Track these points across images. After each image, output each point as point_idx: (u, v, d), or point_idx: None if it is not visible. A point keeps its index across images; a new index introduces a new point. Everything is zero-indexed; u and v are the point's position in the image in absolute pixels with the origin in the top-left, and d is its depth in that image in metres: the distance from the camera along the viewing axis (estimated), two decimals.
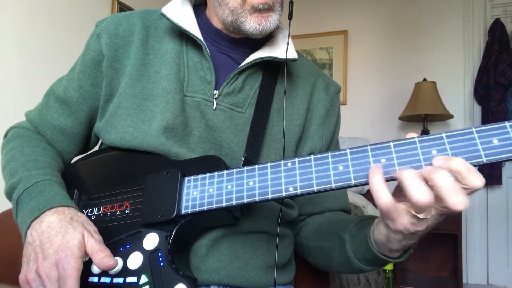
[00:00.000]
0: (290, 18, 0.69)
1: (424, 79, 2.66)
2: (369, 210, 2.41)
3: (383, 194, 0.42)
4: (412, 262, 2.71)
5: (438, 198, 0.40)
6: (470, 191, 0.40)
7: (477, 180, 0.39)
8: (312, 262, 0.73)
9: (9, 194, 0.60)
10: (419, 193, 0.39)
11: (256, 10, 0.61)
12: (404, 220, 0.43)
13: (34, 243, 0.51)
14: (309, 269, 0.79)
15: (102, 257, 0.48)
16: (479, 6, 2.82)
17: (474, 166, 0.41)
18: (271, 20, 0.62)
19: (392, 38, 3.03)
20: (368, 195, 2.76)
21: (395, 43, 3.02)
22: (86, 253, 0.49)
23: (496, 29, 2.67)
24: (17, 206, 0.56)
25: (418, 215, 0.42)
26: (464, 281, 2.60)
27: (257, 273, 0.63)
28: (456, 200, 0.39)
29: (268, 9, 0.62)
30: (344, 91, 3.09)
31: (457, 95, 2.82)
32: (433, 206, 0.41)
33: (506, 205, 2.69)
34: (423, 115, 2.55)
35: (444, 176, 0.39)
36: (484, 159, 0.41)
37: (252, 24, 0.62)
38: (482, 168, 2.61)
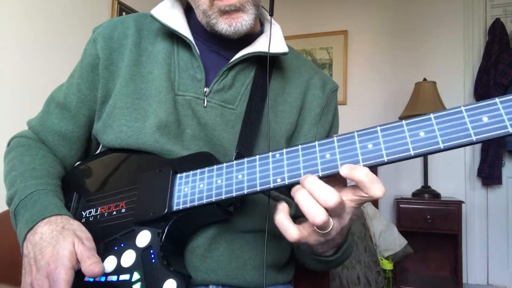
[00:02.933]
0: (271, 15, 0.70)
1: (424, 79, 2.66)
2: (369, 210, 2.41)
3: (290, 231, 0.45)
4: (412, 262, 2.71)
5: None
6: (364, 200, 0.44)
7: (377, 190, 0.42)
8: (300, 261, 0.73)
9: (8, 205, 0.61)
10: (317, 215, 0.42)
11: (225, 12, 0.62)
12: (313, 237, 0.47)
13: (29, 255, 0.52)
14: (308, 269, 0.79)
15: (88, 265, 0.49)
16: (479, 6, 2.82)
17: (465, 146, 0.41)
18: (242, 21, 0.62)
19: (392, 38, 3.03)
20: None
21: (395, 43, 3.02)
22: (78, 261, 0.50)
23: (496, 29, 2.67)
24: (15, 218, 0.57)
25: (320, 232, 0.45)
26: (464, 281, 2.60)
27: (256, 273, 0.63)
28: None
29: (237, 10, 0.62)
30: (344, 91, 3.09)
31: (457, 95, 2.82)
32: (329, 222, 0.44)
33: (506, 205, 2.68)
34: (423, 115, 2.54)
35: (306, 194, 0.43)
36: (474, 138, 0.39)
37: (224, 26, 0.63)
38: (482, 168, 2.61)
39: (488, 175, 2.58)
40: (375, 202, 2.76)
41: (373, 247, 2.25)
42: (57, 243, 0.50)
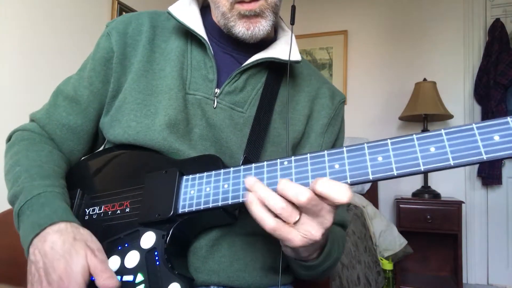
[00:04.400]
0: (292, 23, 0.70)
1: (424, 79, 2.66)
2: (369, 210, 2.41)
3: (266, 219, 0.45)
4: (412, 262, 2.71)
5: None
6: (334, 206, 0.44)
7: (342, 196, 0.42)
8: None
9: (12, 203, 0.59)
10: (274, 202, 0.44)
11: (244, 16, 0.62)
12: (293, 233, 0.46)
13: (38, 264, 0.50)
14: None
15: (104, 279, 0.48)
16: (479, 6, 2.82)
17: (475, 164, 0.40)
18: (260, 26, 0.63)
19: (392, 38, 3.03)
20: (368, 195, 2.76)
21: (395, 43, 3.02)
22: (90, 273, 0.49)
23: (496, 29, 2.67)
24: (18, 218, 0.56)
25: (289, 223, 0.45)
26: (464, 281, 2.60)
27: (257, 275, 0.63)
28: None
29: (256, 15, 0.62)
30: (344, 91, 3.09)
31: (457, 95, 2.82)
32: (292, 210, 0.44)
33: (506, 205, 2.68)
34: (423, 115, 2.55)
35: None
36: (485, 157, 0.39)
37: (241, 29, 0.63)
38: (482, 168, 2.61)
39: (488, 175, 2.58)
40: (375, 202, 2.76)
41: (373, 247, 2.25)
42: (70, 257, 0.49)
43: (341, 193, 0.42)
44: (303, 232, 0.45)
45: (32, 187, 0.57)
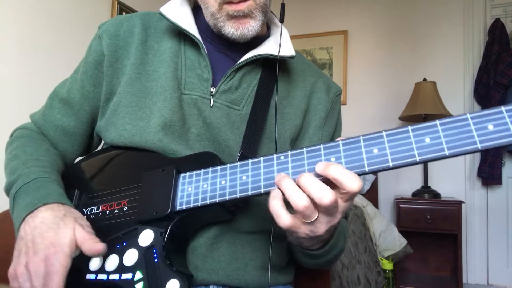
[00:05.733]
0: (281, 21, 0.70)
1: (424, 79, 2.66)
2: (369, 210, 2.41)
3: (282, 217, 0.45)
4: (412, 262, 2.71)
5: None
6: (348, 196, 0.44)
7: (353, 184, 0.42)
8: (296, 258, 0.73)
9: (7, 190, 0.61)
10: (298, 200, 0.43)
11: (233, 16, 0.62)
12: (302, 229, 0.47)
13: (27, 237, 0.51)
14: (309, 270, 0.79)
15: (89, 243, 0.50)
16: (479, 6, 2.82)
17: (470, 153, 0.41)
18: (249, 27, 0.63)
19: (392, 38, 3.03)
20: (368, 195, 2.76)
21: (395, 43, 3.02)
22: (76, 247, 0.50)
23: (496, 29, 2.67)
24: (14, 201, 0.57)
25: (306, 221, 0.45)
26: (464, 281, 2.60)
27: (256, 274, 0.63)
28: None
29: (245, 15, 0.62)
30: (344, 91, 3.09)
31: (457, 95, 2.82)
32: (313, 210, 0.44)
33: (506, 205, 2.68)
34: (423, 115, 2.55)
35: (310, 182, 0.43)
36: (479, 146, 0.40)
37: (230, 29, 0.63)
38: (482, 168, 2.61)
39: (488, 175, 2.58)
40: (375, 202, 2.76)
41: (373, 247, 2.25)
42: (59, 228, 0.50)
43: (353, 181, 0.42)
44: (311, 228, 0.46)
45: (30, 173, 0.59)
